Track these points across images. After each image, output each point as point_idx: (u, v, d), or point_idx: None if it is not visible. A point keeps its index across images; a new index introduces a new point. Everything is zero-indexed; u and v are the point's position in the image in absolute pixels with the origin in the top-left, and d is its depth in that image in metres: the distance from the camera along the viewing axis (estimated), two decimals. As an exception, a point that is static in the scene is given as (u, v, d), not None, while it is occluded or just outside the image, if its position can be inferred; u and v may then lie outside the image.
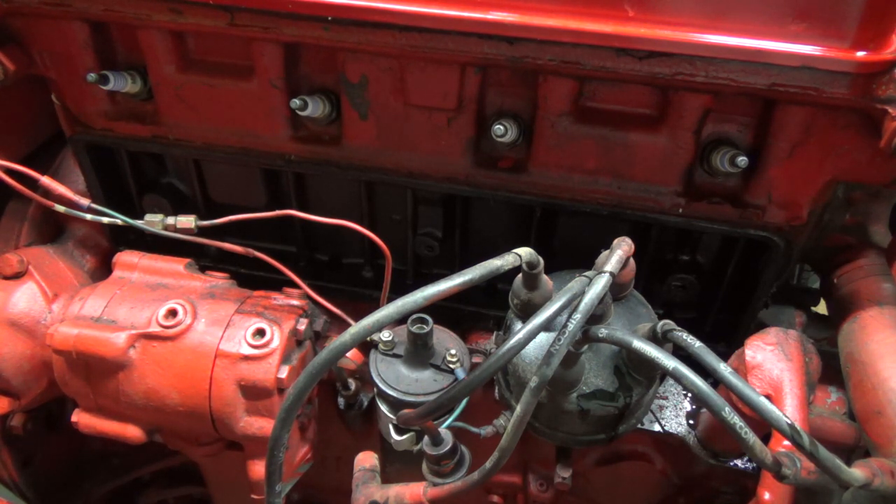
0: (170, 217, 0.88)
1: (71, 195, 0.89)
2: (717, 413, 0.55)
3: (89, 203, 0.89)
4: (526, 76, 0.79)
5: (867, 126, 0.70)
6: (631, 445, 1.05)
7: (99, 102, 0.93)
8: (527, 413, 0.60)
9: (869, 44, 0.63)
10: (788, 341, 0.80)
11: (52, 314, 0.96)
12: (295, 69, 0.85)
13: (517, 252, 0.63)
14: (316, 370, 0.57)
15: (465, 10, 0.69)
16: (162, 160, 1.05)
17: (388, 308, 0.56)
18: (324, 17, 0.73)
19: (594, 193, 0.85)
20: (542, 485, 1.15)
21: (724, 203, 0.83)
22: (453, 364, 0.79)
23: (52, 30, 0.86)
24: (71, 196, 0.89)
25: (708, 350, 0.59)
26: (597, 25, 0.67)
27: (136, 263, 0.96)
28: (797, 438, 0.56)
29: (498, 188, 0.87)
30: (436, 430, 0.69)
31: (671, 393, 0.99)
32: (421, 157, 0.87)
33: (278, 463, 0.61)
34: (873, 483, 0.62)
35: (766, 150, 0.77)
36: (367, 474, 0.78)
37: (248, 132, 0.90)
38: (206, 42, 0.86)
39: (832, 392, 0.91)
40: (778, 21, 0.64)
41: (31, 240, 1.08)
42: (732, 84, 0.69)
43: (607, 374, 0.73)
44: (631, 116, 0.79)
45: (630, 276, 0.73)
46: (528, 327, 0.57)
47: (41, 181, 0.88)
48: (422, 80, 0.80)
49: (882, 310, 0.84)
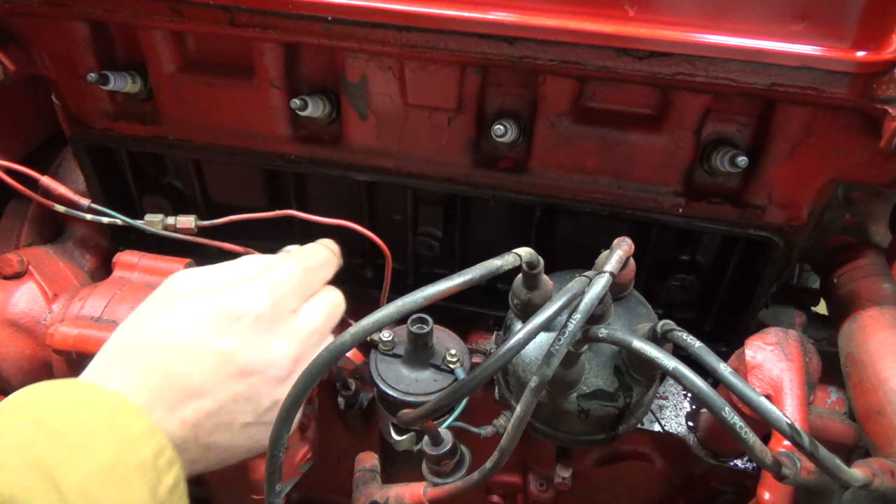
0: (170, 217, 0.87)
1: (71, 195, 0.89)
2: (717, 413, 0.55)
3: (89, 203, 0.89)
4: (526, 76, 0.79)
5: (867, 126, 0.70)
6: (631, 445, 1.05)
7: (99, 102, 0.93)
8: (527, 413, 0.60)
9: (869, 44, 0.63)
10: (788, 341, 0.80)
11: (52, 314, 0.96)
12: (295, 69, 0.85)
13: (517, 252, 0.63)
14: (316, 370, 0.57)
15: (466, 10, 0.69)
16: (162, 160, 1.05)
17: (388, 308, 0.56)
18: (324, 17, 0.73)
19: (594, 193, 0.85)
20: (542, 485, 1.14)
21: (724, 203, 0.83)
22: (453, 364, 0.79)
23: (52, 30, 0.86)
24: (71, 196, 0.89)
25: (708, 350, 0.59)
26: (597, 25, 0.67)
27: (136, 263, 0.96)
28: (797, 438, 0.56)
29: (498, 188, 0.87)
30: (436, 430, 0.69)
31: (671, 393, 0.99)
32: (421, 157, 0.87)
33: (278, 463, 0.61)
34: (873, 483, 0.62)
35: (766, 150, 0.77)
36: (368, 474, 0.79)
37: (248, 132, 0.90)
38: (206, 42, 0.86)
39: (832, 392, 0.91)
40: (778, 21, 0.64)
41: (31, 240, 1.08)
42: (732, 84, 0.69)
43: (607, 374, 0.73)
44: (631, 116, 0.79)
45: (630, 276, 0.73)
46: (528, 327, 0.57)
47: (41, 181, 0.88)
48: (422, 80, 0.80)
49: (882, 310, 0.84)
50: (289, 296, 0.68)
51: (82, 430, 0.52)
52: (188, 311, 0.65)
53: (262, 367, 0.65)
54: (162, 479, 0.55)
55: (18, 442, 0.50)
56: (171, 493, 0.55)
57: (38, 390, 0.55)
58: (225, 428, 0.63)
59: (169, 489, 0.55)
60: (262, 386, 0.65)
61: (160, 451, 0.55)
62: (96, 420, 0.53)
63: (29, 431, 0.51)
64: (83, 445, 0.51)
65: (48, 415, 0.52)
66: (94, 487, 0.50)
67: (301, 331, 0.68)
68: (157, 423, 0.57)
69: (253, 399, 0.64)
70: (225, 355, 0.63)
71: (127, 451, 0.53)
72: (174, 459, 0.57)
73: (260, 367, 0.64)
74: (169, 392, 0.60)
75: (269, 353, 0.65)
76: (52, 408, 0.53)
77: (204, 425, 0.62)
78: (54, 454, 0.49)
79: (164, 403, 0.60)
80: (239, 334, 0.64)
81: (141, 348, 0.62)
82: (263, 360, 0.65)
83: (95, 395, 0.56)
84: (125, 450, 0.53)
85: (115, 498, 0.50)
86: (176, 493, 0.56)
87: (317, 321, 0.70)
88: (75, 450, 0.50)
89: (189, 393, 0.61)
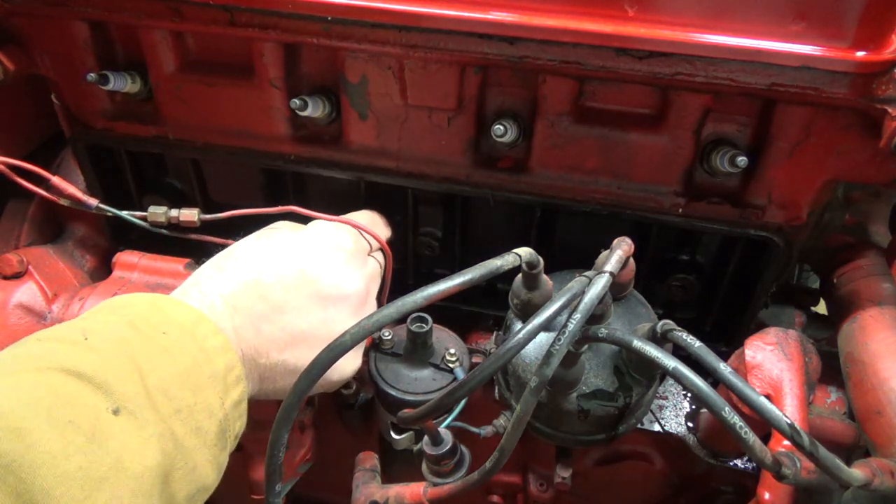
0: (173, 210, 0.89)
1: (80, 195, 0.89)
2: (717, 413, 0.55)
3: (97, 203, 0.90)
4: (526, 76, 0.79)
5: (867, 126, 0.70)
6: (631, 445, 1.05)
7: (99, 102, 0.93)
8: (527, 413, 0.60)
9: (869, 44, 0.63)
10: (788, 341, 0.80)
11: (52, 314, 0.96)
12: (295, 69, 0.85)
13: (517, 252, 0.63)
14: (315, 370, 0.57)
15: (466, 10, 0.69)
16: (162, 160, 1.05)
17: (387, 308, 0.56)
18: (324, 17, 0.73)
19: (594, 193, 0.85)
20: (542, 485, 1.14)
21: (724, 203, 0.83)
22: (453, 364, 0.79)
23: (52, 30, 0.86)
24: (80, 196, 0.89)
25: (708, 350, 0.59)
26: (597, 25, 0.67)
27: (135, 263, 0.96)
28: (797, 438, 0.56)
29: (498, 188, 0.87)
30: (435, 430, 0.69)
31: (671, 393, 0.99)
32: (421, 157, 0.87)
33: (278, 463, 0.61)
34: (873, 483, 0.62)
35: (766, 150, 0.77)
36: (368, 474, 0.79)
37: (248, 132, 0.90)
38: (206, 42, 0.86)
39: (832, 392, 0.91)
40: (778, 21, 0.64)
41: (31, 240, 1.08)
42: (732, 84, 0.69)
43: (607, 374, 0.73)
44: (631, 116, 0.79)
45: (630, 276, 0.73)
46: (528, 327, 0.57)
47: (52, 181, 0.88)
48: (422, 80, 0.80)
49: (882, 310, 0.84)
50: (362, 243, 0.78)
51: (168, 338, 0.59)
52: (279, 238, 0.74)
53: (341, 296, 0.72)
54: (230, 391, 0.61)
55: (116, 337, 0.57)
56: (236, 407, 0.62)
57: (135, 297, 0.63)
58: (295, 348, 0.69)
59: (234, 403, 0.62)
60: (338, 314, 0.72)
61: (231, 367, 0.62)
62: (180, 331, 0.60)
63: (125, 330, 0.58)
64: (167, 349, 0.58)
65: (141, 320, 0.59)
66: (172, 386, 0.56)
67: (373, 272, 0.77)
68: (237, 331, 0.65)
69: (328, 323, 0.71)
70: (309, 277, 0.71)
71: (203, 362, 0.59)
72: (241, 377, 0.63)
73: (339, 296, 0.72)
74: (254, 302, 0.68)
75: (348, 285, 0.73)
76: (146, 314, 0.60)
77: (279, 339, 0.68)
78: (143, 353, 0.56)
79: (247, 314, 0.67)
80: (325, 262, 0.72)
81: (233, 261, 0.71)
82: (343, 289, 0.72)
83: (182, 310, 0.62)
84: (202, 360, 0.59)
85: (189, 399, 0.57)
86: (239, 408, 0.63)
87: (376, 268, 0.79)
88: (161, 352, 0.57)
89: (272, 306, 0.68)
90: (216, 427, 0.59)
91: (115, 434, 0.50)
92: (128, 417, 0.52)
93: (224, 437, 0.60)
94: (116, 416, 0.51)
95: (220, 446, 0.60)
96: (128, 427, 0.51)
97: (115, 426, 0.51)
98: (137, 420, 0.52)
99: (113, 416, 0.51)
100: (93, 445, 0.48)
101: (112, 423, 0.51)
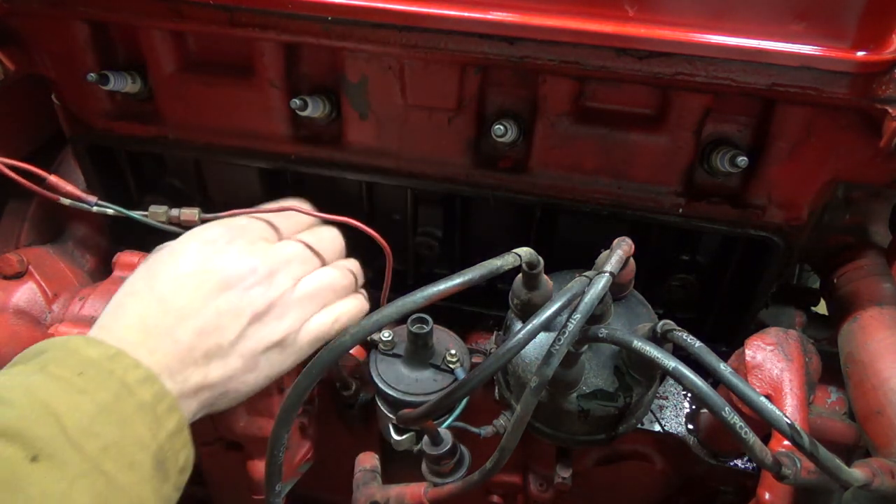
0: (174, 209, 0.89)
1: (78, 192, 0.89)
2: (717, 413, 0.55)
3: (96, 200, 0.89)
4: (526, 76, 0.79)
5: (867, 126, 0.70)
6: (631, 445, 1.05)
7: (99, 102, 0.93)
8: (527, 413, 0.60)
9: (869, 44, 0.63)
10: (788, 341, 0.80)
11: (52, 314, 0.96)
12: (295, 69, 0.85)
13: (517, 252, 0.63)
14: (315, 370, 0.57)
15: (466, 10, 0.69)
16: (162, 160, 1.05)
17: (388, 308, 0.56)
18: (324, 17, 0.73)
19: (594, 193, 0.85)
20: (542, 485, 1.14)
21: (724, 203, 0.83)
22: (453, 364, 0.79)
23: (52, 30, 0.86)
24: (78, 194, 0.89)
25: (708, 350, 0.59)
26: (597, 25, 0.67)
27: (135, 263, 0.96)
28: (797, 438, 0.56)
29: (498, 188, 0.87)
30: (436, 430, 0.69)
31: (671, 393, 0.98)
32: (421, 157, 0.87)
33: (278, 463, 0.61)
34: (873, 483, 0.62)
35: (766, 150, 0.77)
36: (368, 474, 0.78)
37: (248, 132, 0.90)
38: (206, 42, 0.86)
39: (832, 392, 0.91)
40: (778, 21, 0.64)
41: (31, 240, 1.08)
42: (733, 84, 0.69)
43: (607, 374, 0.73)
44: (631, 116, 0.79)
45: (630, 276, 0.73)
46: (528, 327, 0.57)
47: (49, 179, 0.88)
48: (422, 80, 0.80)
49: (882, 310, 0.84)
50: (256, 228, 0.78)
51: (84, 378, 0.57)
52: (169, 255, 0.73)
53: (236, 279, 0.71)
54: (162, 423, 0.59)
55: (26, 386, 0.55)
56: (173, 437, 0.60)
57: (48, 343, 0.61)
58: (217, 348, 0.68)
59: (170, 433, 0.59)
60: (239, 299, 0.70)
61: (160, 397, 0.60)
62: (96, 369, 0.58)
63: (36, 378, 0.56)
64: (85, 390, 0.56)
65: (55, 364, 0.58)
66: (94, 424, 0.54)
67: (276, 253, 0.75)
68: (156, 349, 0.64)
69: (233, 311, 0.69)
70: (202, 275, 0.70)
71: (126, 395, 0.57)
72: (174, 406, 0.61)
73: (234, 280, 0.70)
74: (163, 319, 0.66)
75: (240, 267, 0.71)
76: (59, 357, 0.59)
77: (198, 346, 0.66)
78: (58, 397, 0.55)
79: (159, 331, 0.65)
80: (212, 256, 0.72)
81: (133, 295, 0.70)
82: (236, 273, 0.71)
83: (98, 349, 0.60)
84: (124, 394, 0.57)
85: (115, 434, 0.55)
86: (179, 438, 0.61)
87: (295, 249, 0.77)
88: (78, 393, 0.55)
89: (179, 315, 0.67)
90: (151, 460, 0.57)
91: (34, 481, 0.49)
92: (47, 462, 0.51)
93: (163, 469, 0.58)
94: (35, 462, 0.50)
95: (159, 478, 0.58)
96: (48, 472, 0.50)
97: (35, 473, 0.50)
98: (57, 463, 0.51)
99: (31, 464, 0.50)
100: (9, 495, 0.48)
101: (31, 470, 0.50)
